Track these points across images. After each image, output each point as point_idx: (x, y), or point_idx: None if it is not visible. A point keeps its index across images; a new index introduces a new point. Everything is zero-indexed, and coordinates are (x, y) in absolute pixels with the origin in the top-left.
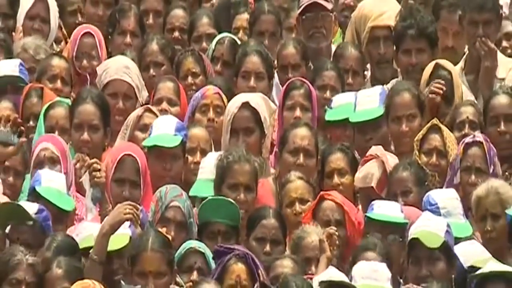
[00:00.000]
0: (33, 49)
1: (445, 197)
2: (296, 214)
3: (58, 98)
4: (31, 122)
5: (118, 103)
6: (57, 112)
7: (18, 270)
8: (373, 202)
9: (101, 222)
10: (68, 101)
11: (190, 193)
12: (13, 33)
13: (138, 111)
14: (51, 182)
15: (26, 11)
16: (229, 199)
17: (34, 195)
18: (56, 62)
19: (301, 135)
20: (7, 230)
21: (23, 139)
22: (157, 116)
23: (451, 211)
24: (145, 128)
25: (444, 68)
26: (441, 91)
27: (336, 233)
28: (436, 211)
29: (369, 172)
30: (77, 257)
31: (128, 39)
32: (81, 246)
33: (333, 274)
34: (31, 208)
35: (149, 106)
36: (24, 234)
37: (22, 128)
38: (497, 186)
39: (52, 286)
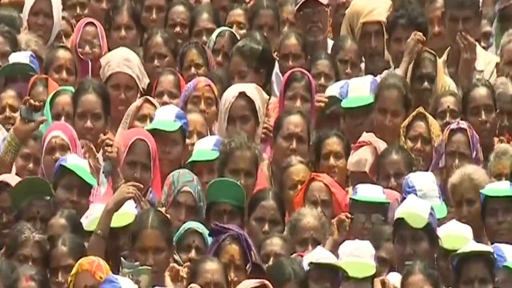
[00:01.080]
0: (24, 43)
1: (423, 180)
2: None
3: (62, 87)
4: None
5: (120, 94)
6: (62, 99)
7: (26, 247)
8: (356, 186)
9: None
10: (72, 88)
11: (190, 160)
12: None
13: (138, 102)
14: (77, 160)
15: (30, 7)
16: (235, 181)
17: (61, 172)
18: (61, 53)
19: (295, 122)
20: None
21: (43, 117)
22: (155, 107)
23: (427, 193)
24: (144, 118)
25: (429, 52)
26: (422, 38)
27: (348, 220)
28: (413, 193)
29: (362, 158)
30: (81, 235)
31: (122, 32)
32: (90, 228)
33: (322, 254)
34: None
35: (148, 97)
36: (43, 208)
37: (39, 104)
38: (470, 172)
39: (57, 263)
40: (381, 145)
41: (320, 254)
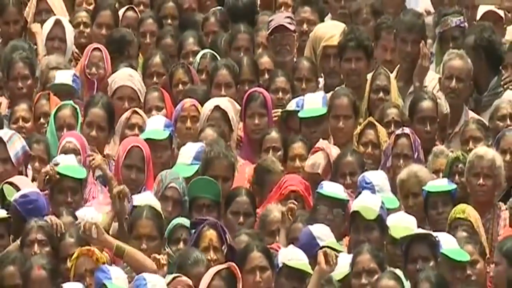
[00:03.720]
0: (54, 63)
1: (377, 177)
2: None
3: (63, 102)
4: (42, 120)
5: (124, 104)
6: (64, 113)
7: (31, 233)
8: (322, 182)
9: (109, 193)
10: (72, 102)
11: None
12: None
13: (127, 113)
14: (65, 161)
15: (47, 33)
16: (212, 179)
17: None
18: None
19: (273, 138)
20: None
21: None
22: (142, 117)
23: (382, 188)
24: (133, 127)
25: (383, 69)
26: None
27: (295, 207)
28: (371, 188)
29: (316, 161)
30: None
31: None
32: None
33: (294, 256)
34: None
35: (135, 109)
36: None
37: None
38: (416, 170)
39: (66, 252)
40: (333, 150)
41: (292, 255)
